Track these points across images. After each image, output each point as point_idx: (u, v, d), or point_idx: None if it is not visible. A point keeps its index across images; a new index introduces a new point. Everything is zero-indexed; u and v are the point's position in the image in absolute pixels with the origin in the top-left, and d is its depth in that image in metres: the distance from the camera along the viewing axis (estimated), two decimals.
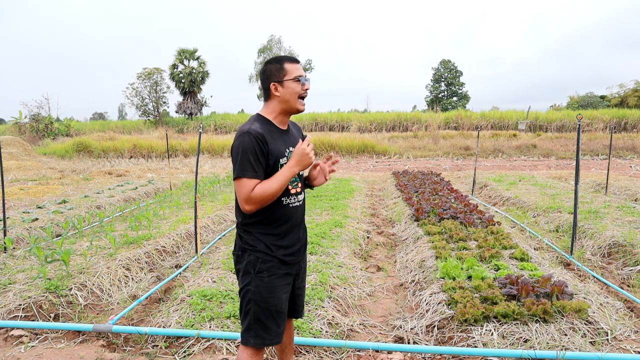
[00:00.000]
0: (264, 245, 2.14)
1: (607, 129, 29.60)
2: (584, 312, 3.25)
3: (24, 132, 27.08)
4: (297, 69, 2.12)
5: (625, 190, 9.37)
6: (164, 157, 21.79)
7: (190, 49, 36.73)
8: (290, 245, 2.20)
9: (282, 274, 2.17)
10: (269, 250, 2.14)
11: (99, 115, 64.08)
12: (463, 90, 52.84)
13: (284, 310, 2.18)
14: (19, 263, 4.80)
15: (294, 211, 2.20)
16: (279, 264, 2.15)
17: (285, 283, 2.19)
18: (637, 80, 40.77)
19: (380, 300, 4.18)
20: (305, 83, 2.14)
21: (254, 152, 2.00)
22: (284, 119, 2.18)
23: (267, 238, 2.14)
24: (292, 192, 2.18)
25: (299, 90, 2.11)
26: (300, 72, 2.12)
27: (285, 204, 2.16)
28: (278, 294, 2.14)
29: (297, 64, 2.15)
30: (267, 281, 2.12)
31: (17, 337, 3.38)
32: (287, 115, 2.18)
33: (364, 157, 22.66)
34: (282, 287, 2.17)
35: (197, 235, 5.30)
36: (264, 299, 2.11)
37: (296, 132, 2.31)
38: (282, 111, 2.15)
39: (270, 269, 2.14)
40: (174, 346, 3.21)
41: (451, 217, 6.42)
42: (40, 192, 10.29)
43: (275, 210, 2.14)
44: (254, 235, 2.16)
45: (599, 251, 5.32)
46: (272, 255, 2.14)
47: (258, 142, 2.00)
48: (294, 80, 2.10)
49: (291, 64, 2.12)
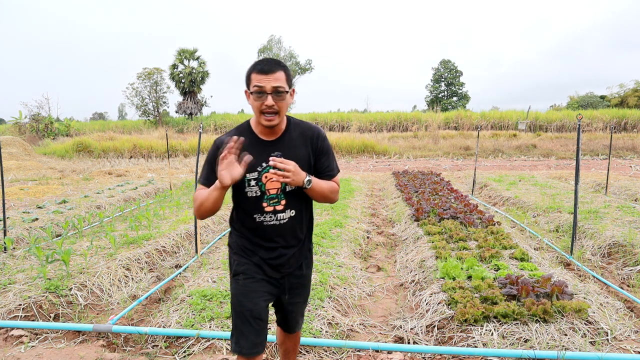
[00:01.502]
0: (240, 248, 2.05)
1: (607, 129, 29.60)
2: (584, 312, 3.25)
3: (24, 132, 27.07)
4: (258, 80, 1.85)
5: (625, 190, 9.37)
6: (164, 157, 21.79)
7: (190, 49, 36.72)
8: (269, 258, 2.04)
9: (260, 279, 2.03)
10: (244, 253, 2.04)
11: (99, 115, 64.04)
12: (463, 90, 52.82)
13: (262, 318, 2.01)
14: (19, 263, 4.80)
15: (272, 230, 2.01)
16: (255, 268, 2.03)
17: (264, 290, 2.04)
18: (637, 80, 40.83)
19: (380, 300, 4.18)
20: (266, 97, 1.85)
21: (210, 160, 1.94)
22: (264, 130, 1.97)
23: (243, 241, 2.05)
24: (268, 210, 1.98)
25: (256, 105, 1.89)
26: (260, 84, 1.85)
27: (259, 221, 2.00)
28: (254, 299, 1.99)
29: (265, 75, 1.85)
30: (243, 284, 2.01)
31: (17, 337, 3.38)
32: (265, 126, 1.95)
33: (364, 157, 22.66)
34: (260, 293, 2.02)
35: (197, 235, 5.30)
36: (239, 303, 2.00)
37: (301, 140, 2.02)
38: (259, 122, 1.97)
39: (246, 271, 2.02)
40: (174, 346, 3.21)
41: (451, 217, 6.42)
42: (40, 192, 10.29)
43: (250, 224, 2.03)
44: (233, 237, 2.09)
45: (599, 251, 5.32)
46: (248, 258, 2.03)
47: (216, 152, 1.88)
48: (250, 94, 1.90)
49: (257, 74, 1.86)
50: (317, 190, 1.99)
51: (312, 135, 2.05)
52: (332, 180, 2.09)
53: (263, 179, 1.95)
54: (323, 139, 2.07)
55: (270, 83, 1.85)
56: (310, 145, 2.04)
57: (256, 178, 1.95)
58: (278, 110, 1.89)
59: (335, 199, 2.10)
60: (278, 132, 1.99)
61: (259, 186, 1.96)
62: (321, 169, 2.07)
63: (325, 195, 2.04)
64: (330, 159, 2.10)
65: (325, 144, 2.08)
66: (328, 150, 2.09)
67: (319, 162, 2.06)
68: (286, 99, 1.91)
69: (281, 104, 1.89)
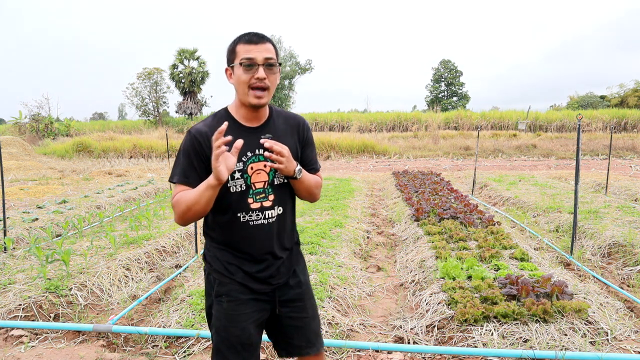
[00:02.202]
0: (220, 263, 1.76)
1: (607, 129, 29.59)
2: (584, 312, 3.25)
3: (24, 132, 27.07)
4: (247, 50, 1.63)
5: (625, 190, 9.37)
6: (164, 157, 21.78)
7: (190, 49, 36.71)
8: (257, 271, 1.76)
9: (247, 299, 1.75)
10: (225, 270, 1.75)
11: (99, 115, 64.04)
12: (463, 90, 52.82)
13: (252, 342, 1.76)
14: (19, 263, 4.80)
15: (258, 232, 1.74)
16: (240, 287, 1.75)
17: (252, 310, 1.76)
18: (637, 80, 40.83)
19: (380, 300, 4.18)
20: (257, 69, 1.63)
21: (188, 153, 1.68)
22: (249, 113, 1.72)
23: (223, 254, 1.76)
24: (254, 207, 1.72)
25: (245, 79, 1.64)
26: (249, 54, 1.63)
27: (244, 221, 1.72)
28: (241, 323, 1.73)
29: (255, 44, 1.64)
30: (227, 307, 1.74)
31: (17, 337, 3.38)
32: (249, 109, 1.71)
33: (364, 157, 22.66)
34: (248, 315, 1.75)
35: (197, 235, 5.30)
36: (224, 328, 1.74)
37: (287, 129, 1.80)
38: (242, 104, 1.71)
39: (229, 292, 1.74)
40: (174, 346, 3.21)
41: (451, 217, 6.42)
42: (40, 192, 10.29)
43: (232, 227, 1.73)
44: (212, 251, 1.79)
45: (599, 251, 5.32)
46: (230, 277, 1.75)
47: (194, 143, 1.67)
48: (239, 65, 1.64)
49: (245, 44, 1.65)
50: (306, 182, 1.78)
51: (297, 124, 1.84)
52: (316, 174, 1.90)
53: (249, 171, 1.70)
54: (308, 129, 1.88)
55: (261, 54, 1.64)
56: (297, 135, 1.83)
57: (241, 170, 1.69)
58: (269, 86, 1.67)
59: (318, 196, 1.91)
60: (262, 118, 1.75)
61: (244, 179, 1.70)
62: (306, 162, 1.86)
63: (311, 190, 1.83)
64: (315, 151, 1.93)
65: (310, 135, 1.89)
66: (313, 142, 1.91)
67: (304, 154, 1.86)
68: (276, 75, 1.70)
69: (272, 78, 1.68)
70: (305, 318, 1.88)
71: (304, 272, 1.94)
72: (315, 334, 1.91)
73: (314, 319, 1.91)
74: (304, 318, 1.87)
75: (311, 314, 1.90)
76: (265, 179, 1.73)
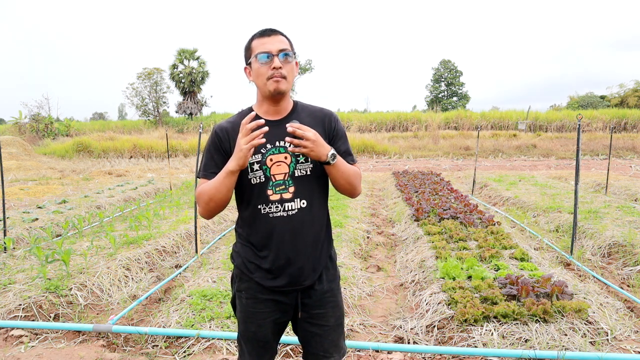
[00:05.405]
0: (242, 260, 1.79)
1: (607, 129, 29.57)
2: (584, 312, 3.25)
3: (24, 132, 27.05)
4: (262, 43, 1.68)
5: (625, 190, 9.37)
6: (164, 157, 21.78)
7: (190, 49, 36.69)
8: (273, 269, 1.74)
9: (265, 299, 1.77)
10: (245, 267, 1.78)
11: (99, 115, 63.99)
12: (463, 90, 52.81)
13: (267, 341, 1.81)
14: (19, 263, 4.80)
15: (278, 224, 1.71)
16: (258, 287, 1.77)
17: (271, 310, 1.78)
18: (637, 80, 40.77)
19: (380, 300, 4.17)
20: (271, 59, 1.65)
21: (209, 149, 1.76)
22: (270, 107, 1.75)
23: (246, 251, 1.78)
24: (274, 199, 1.71)
25: (263, 71, 1.67)
26: (263, 48, 1.67)
27: (264, 213, 1.71)
28: (258, 320, 1.78)
29: (267, 37, 1.69)
30: (246, 303, 1.79)
31: (17, 337, 3.38)
32: (271, 102, 1.73)
33: (364, 157, 22.67)
34: (266, 314, 1.77)
35: (197, 235, 5.30)
36: (243, 321, 1.82)
37: (311, 122, 1.75)
38: (264, 98, 1.74)
39: (248, 290, 1.79)
40: (174, 346, 3.21)
41: (451, 217, 6.42)
42: (40, 192, 10.29)
43: (253, 218, 1.75)
44: (237, 246, 1.84)
45: (599, 251, 5.32)
46: (249, 275, 1.77)
47: (215, 139, 1.75)
48: (256, 59, 1.68)
49: (260, 38, 1.70)
50: (343, 170, 1.71)
51: (324, 116, 1.80)
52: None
53: (268, 162, 1.70)
54: (337, 121, 1.82)
55: (275, 45, 1.67)
56: (323, 127, 1.78)
57: (260, 161, 1.70)
58: (285, 75, 1.68)
59: (359, 189, 1.82)
60: (284, 112, 1.76)
61: (263, 170, 1.70)
62: (339, 155, 1.75)
63: (350, 180, 1.75)
64: (347, 144, 1.83)
65: (340, 127, 1.83)
66: (344, 135, 1.83)
67: (334, 146, 1.77)
68: (293, 65, 1.72)
69: (289, 67, 1.69)
70: (325, 326, 1.82)
71: (334, 280, 1.87)
72: (335, 345, 1.86)
73: (335, 330, 1.85)
74: (324, 326, 1.82)
75: (332, 323, 1.84)
76: (286, 170, 1.72)
